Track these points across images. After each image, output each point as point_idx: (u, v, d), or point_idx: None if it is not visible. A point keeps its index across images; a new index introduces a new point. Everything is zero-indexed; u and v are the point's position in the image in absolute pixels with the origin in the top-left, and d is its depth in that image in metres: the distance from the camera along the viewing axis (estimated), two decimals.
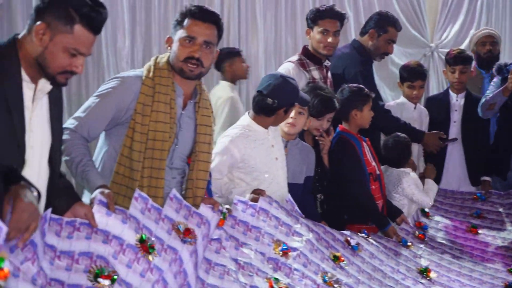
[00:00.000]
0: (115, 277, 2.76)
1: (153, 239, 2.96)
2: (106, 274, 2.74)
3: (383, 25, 5.55)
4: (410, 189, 5.02)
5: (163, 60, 3.46)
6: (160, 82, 3.39)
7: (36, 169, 2.83)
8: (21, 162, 2.76)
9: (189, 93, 3.52)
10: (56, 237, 2.76)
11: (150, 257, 2.89)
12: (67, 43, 2.76)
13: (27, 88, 2.82)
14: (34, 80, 2.85)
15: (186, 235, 3.14)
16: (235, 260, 3.38)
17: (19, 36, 2.85)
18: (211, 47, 3.37)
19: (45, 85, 2.86)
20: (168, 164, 3.42)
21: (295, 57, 5.16)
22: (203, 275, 3.22)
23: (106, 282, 2.72)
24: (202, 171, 3.53)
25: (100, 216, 2.85)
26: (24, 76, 2.81)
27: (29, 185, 2.42)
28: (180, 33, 3.37)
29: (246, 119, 4.16)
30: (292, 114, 4.17)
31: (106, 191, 2.98)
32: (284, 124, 4.23)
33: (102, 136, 3.43)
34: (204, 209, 3.32)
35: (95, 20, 2.80)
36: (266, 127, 4.11)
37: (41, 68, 2.79)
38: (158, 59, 3.48)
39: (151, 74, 3.42)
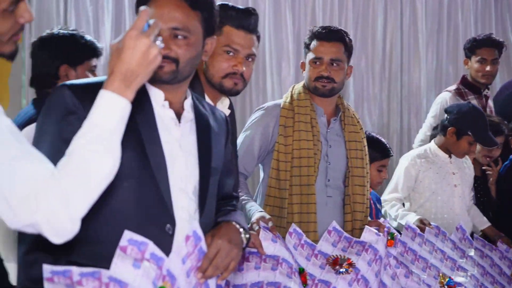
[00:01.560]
0: None
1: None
2: None
3: None
4: None
5: (299, 86, 3.57)
6: (299, 104, 3.49)
7: None
8: (238, 200, 2.87)
9: (330, 111, 3.57)
10: None
11: None
12: (220, 44, 2.86)
13: None
14: (214, 102, 2.95)
15: (336, 264, 3.13)
16: None
17: None
18: (338, 64, 3.44)
19: (223, 110, 2.93)
20: (324, 182, 3.47)
21: (453, 87, 5.24)
22: None
23: None
24: (358, 185, 3.55)
25: (268, 244, 2.88)
26: (208, 100, 2.91)
27: (241, 227, 2.47)
28: (309, 56, 3.50)
29: (431, 143, 4.41)
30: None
31: (267, 216, 3.04)
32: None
33: (260, 168, 3.56)
34: (367, 234, 3.27)
35: (242, 18, 2.91)
36: (447, 153, 4.30)
37: (210, 82, 2.92)
38: (295, 86, 3.61)
39: (288, 99, 3.53)
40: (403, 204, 4.40)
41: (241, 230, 2.46)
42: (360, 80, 6.50)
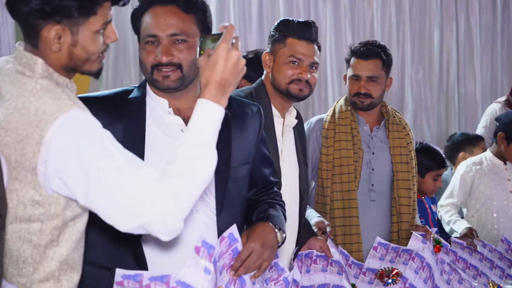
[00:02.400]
0: None
1: None
2: None
3: None
4: None
5: (342, 99, 3.65)
6: (340, 116, 3.55)
7: (288, 194, 2.93)
8: (279, 185, 2.91)
9: (374, 120, 3.63)
10: (299, 273, 2.88)
11: None
12: (284, 55, 2.99)
13: (277, 123, 3.02)
14: (282, 114, 3.06)
15: (383, 276, 3.18)
16: None
17: (263, 77, 3.11)
18: (376, 80, 3.48)
19: (291, 120, 3.08)
20: (368, 187, 3.53)
21: (502, 98, 5.32)
22: None
23: None
24: (403, 189, 3.57)
25: (334, 250, 2.96)
26: (274, 111, 3.03)
27: (277, 227, 2.45)
28: (349, 71, 3.56)
29: (487, 151, 4.41)
30: None
31: (326, 222, 3.14)
32: None
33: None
34: (414, 242, 3.29)
35: (302, 29, 3.01)
36: (503, 160, 4.30)
37: (277, 90, 3.01)
38: (339, 101, 3.68)
39: (331, 113, 3.62)
40: (461, 209, 4.42)
41: (277, 230, 2.46)
42: (418, 91, 6.65)
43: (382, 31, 6.50)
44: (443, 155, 4.40)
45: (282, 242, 2.49)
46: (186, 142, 1.99)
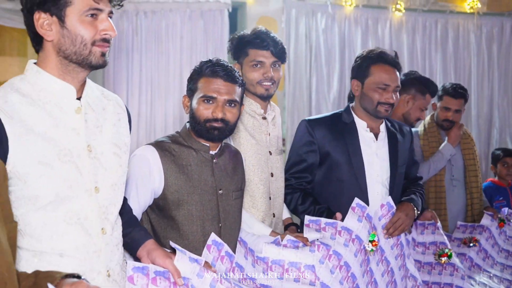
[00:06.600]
0: (451, 253, 3.28)
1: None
2: (444, 253, 3.29)
3: None
4: None
5: (428, 117, 4.27)
6: (430, 131, 4.17)
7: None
8: (421, 178, 3.44)
9: None
10: (415, 231, 3.37)
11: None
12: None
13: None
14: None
15: (466, 242, 3.64)
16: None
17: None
18: (461, 112, 4.10)
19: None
20: (450, 177, 4.19)
21: None
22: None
23: (443, 259, 3.25)
24: (472, 176, 4.24)
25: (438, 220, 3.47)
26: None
27: (415, 206, 2.93)
28: (441, 103, 4.16)
29: None
30: None
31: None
32: None
33: None
34: (485, 220, 3.83)
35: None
36: None
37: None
38: (426, 119, 4.23)
39: (422, 128, 4.20)
40: None
41: (415, 208, 2.96)
42: (503, 114, 7.52)
43: (477, 71, 7.48)
44: None
45: (417, 217, 3.10)
46: None
